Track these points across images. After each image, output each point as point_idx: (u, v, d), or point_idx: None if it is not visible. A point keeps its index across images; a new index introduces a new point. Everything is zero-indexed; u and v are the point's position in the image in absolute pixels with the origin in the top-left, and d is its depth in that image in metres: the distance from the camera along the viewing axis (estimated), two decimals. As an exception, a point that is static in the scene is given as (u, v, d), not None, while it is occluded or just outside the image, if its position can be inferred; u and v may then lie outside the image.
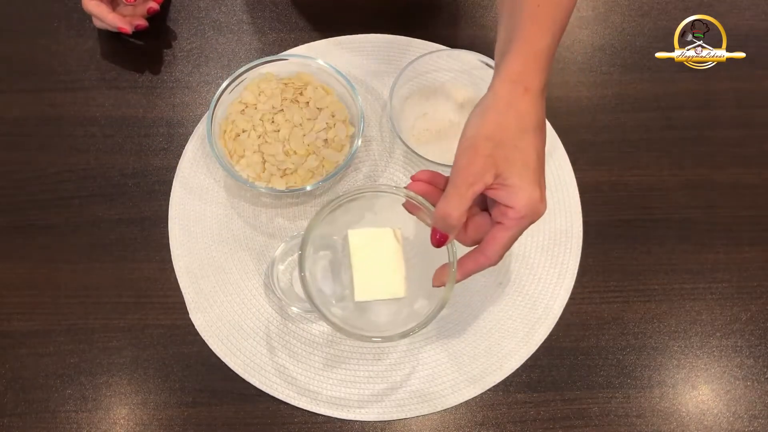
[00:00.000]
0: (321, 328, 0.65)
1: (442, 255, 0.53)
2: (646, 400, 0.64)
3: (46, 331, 0.65)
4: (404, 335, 0.52)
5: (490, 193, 0.49)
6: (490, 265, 0.50)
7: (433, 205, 0.51)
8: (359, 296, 0.57)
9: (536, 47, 0.51)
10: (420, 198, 0.52)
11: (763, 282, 0.68)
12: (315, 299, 0.54)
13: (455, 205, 0.48)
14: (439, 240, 0.50)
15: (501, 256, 0.50)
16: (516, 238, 0.49)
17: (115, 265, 0.68)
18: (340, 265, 0.60)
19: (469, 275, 0.51)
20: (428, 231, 0.52)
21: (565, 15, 0.54)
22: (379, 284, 0.56)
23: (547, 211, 0.68)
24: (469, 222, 0.51)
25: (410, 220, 0.56)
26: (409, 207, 0.53)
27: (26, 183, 0.71)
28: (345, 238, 0.57)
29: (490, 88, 0.51)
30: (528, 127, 0.49)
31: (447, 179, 0.51)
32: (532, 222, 0.49)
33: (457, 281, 0.51)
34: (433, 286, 0.52)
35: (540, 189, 0.48)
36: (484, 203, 0.52)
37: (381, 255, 0.56)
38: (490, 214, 0.51)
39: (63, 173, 0.72)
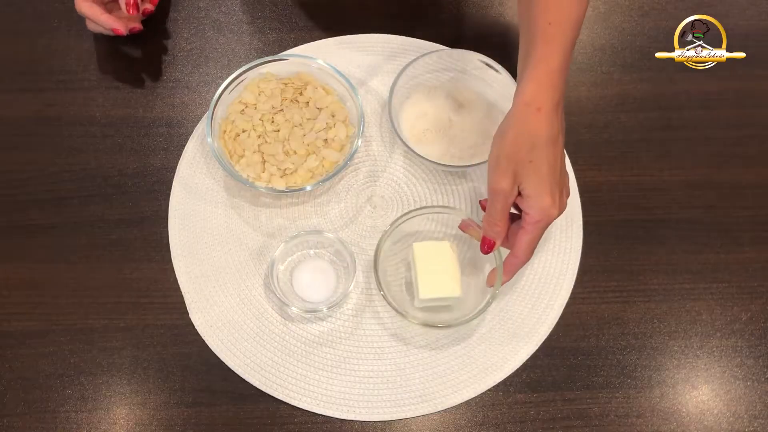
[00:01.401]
0: (321, 328, 0.65)
1: (481, 266, 0.66)
2: (646, 400, 0.63)
3: (46, 331, 0.65)
4: (469, 319, 0.62)
5: (517, 202, 0.58)
6: (522, 263, 0.60)
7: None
8: (423, 294, 0.63)
9: (548, 68, 0.57)
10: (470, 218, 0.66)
11: (763, 282, 0.68)
12: (395, 304, 0.63)
13: (497, 219, 0.58)
14: (488, 247, 0.60)
15: (528, 254, 0.59)
16: (537, 238, 0.58)
17: (115, 265, 0.68)
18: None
19: (513, 274, 0.61)
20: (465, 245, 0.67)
21: (576, 30, 0.59)
22: (439, 285, 0.64)
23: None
24: (509, 231, 0.60)
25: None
26: (463, 226, 0.65)
27: (26, 183, 0.71)
28: (410, 250, 0.66)
29: (509, 111, 0.58)
30: (539, 143, 0.55)
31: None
32: (548, 224, 0.57)
33: (504, 282, 0.61)
34: (488, 286, 0.63)
35: (551, 196, 0.56)
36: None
37: (440, 262, 0.64)
38: None
39: (63, 173, 0.72)
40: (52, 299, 0.66)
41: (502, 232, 0.59)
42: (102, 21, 0.72)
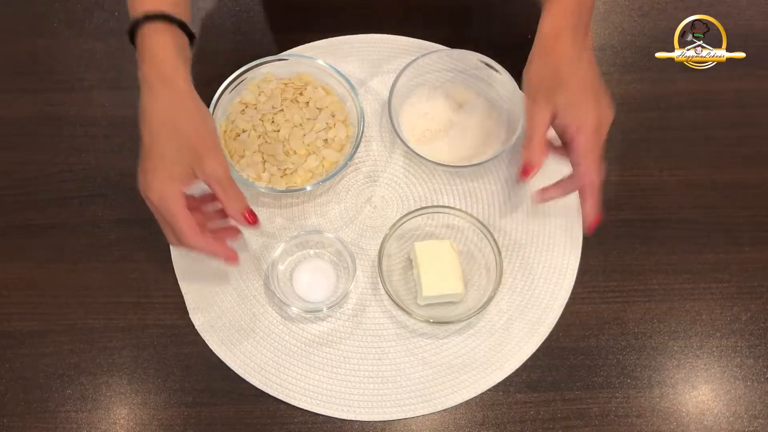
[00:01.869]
0: (321, 328, 0.65)
1: (482, 263, 0.67)
2: (646, 400, 0.63)
3: (46, 331, 0.65)
4: (470, 316, 0.63)
5: (555, 125, 0.60)
6: (591, 181, 0.59)
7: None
8: (426, 292, 0.64)
9: (561, 5, 0.60)
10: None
11: (763, 282, 0.68)
12: (398, 302, 0.64)
13: (535, 144, 0.60)
14: (525, 173, 0.61)
15: (591, 167, 0.59)
16: (590, 148, 0.58)
17: (115, 265, 0.68)
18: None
19: (595, 197, 0.60)
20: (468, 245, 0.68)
21: None
22: (441, 283, 0.64)
23: (547, 211, 0.70)
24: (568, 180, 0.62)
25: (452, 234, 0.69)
26: (538, 198, 0.65)
27: (26, 183, 0.71)
28: (411, 250, 0.67)
29: (533, 44, 0.61)
30: (562, 66, 0.59)
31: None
32: (593, 131, 0.58)
33: (591, 208, 0.61)
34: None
35: (585, 103, 0.58)
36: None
37: (442, 261, 0.65)
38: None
39: (63, 173, 0.72)
40: (52, 299, 0.66)
41: (540, 156, 0.60)
42: (221, 253, 0.59)
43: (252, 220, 0.59)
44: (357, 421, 0.62)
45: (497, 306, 0.66)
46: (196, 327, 0.65)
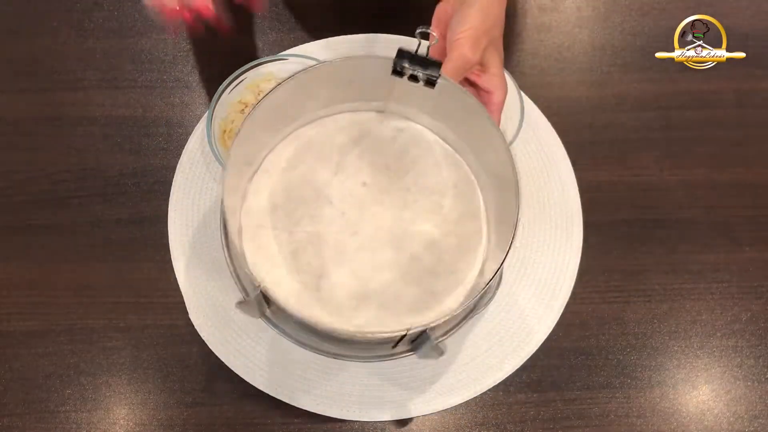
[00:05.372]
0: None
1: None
2: (646, 400, 0.63)
3: (46, 331, 0.65)
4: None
5: (473, 78, 0.59)
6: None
7: None
8: None
9: None
10: None
11: (763, 282, 0.68)
12: None
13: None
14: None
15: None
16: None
17: (115, 265, 0.68)
18: None
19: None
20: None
21: None
22: None
23: (547, 211, 0.70)
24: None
25: None
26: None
27: (26, 183, 0.71)
28: None
29: None
30: (498, 23, 0.58)
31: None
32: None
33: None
34: None
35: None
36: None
37: None
38: None
39: (63, 173, 0.72)
40: (52, 299, 0.66)
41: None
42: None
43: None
44: (357, 421, 0.62)
45: (497, 306, 0.66)
46: (196, 327, 0.65)
